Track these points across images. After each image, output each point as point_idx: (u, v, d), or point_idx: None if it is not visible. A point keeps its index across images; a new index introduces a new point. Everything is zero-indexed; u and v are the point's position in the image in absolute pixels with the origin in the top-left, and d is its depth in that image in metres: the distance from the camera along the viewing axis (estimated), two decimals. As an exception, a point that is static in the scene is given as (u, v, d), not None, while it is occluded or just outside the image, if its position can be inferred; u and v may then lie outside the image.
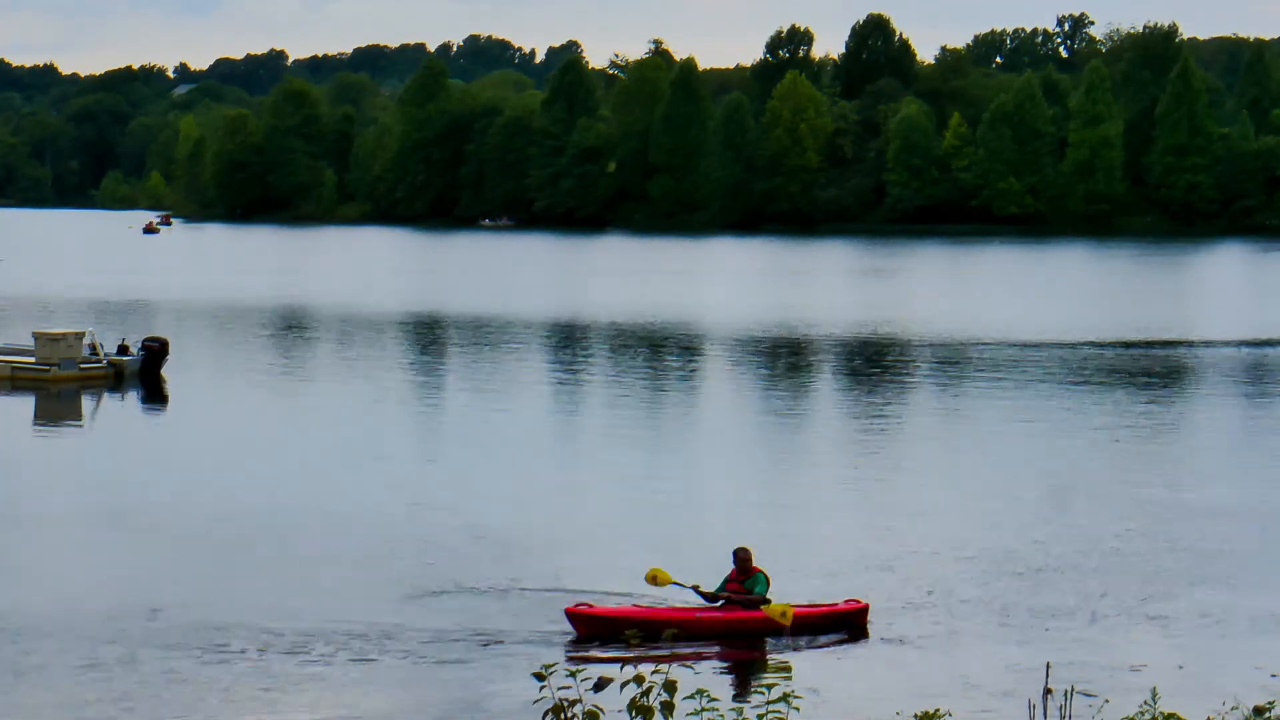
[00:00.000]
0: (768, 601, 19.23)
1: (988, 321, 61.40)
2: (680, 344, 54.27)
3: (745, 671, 18.13)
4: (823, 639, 19.14)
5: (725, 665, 18.20)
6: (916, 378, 45.37)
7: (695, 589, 19.79)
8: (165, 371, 43.48)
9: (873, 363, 49.15)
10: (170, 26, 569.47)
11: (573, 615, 19.19)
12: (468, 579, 21.68)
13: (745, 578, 19.67)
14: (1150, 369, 47.48)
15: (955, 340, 54.40)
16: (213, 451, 32.60)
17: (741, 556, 19.88)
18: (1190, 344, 54.89)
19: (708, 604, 19.61)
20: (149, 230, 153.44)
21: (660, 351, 51.71)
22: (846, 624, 19.47)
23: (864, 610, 19.53)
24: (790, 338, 56.69)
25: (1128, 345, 53.67)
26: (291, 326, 61.01)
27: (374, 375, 45.63)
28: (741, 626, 19.35)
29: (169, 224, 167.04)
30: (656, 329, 58.90)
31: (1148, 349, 52.72)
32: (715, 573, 19.99)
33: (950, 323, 60.05)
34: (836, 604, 19.78)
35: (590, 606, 19.41)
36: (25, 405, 39.47)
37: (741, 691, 17.64)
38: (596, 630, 18.98)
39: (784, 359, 50.45)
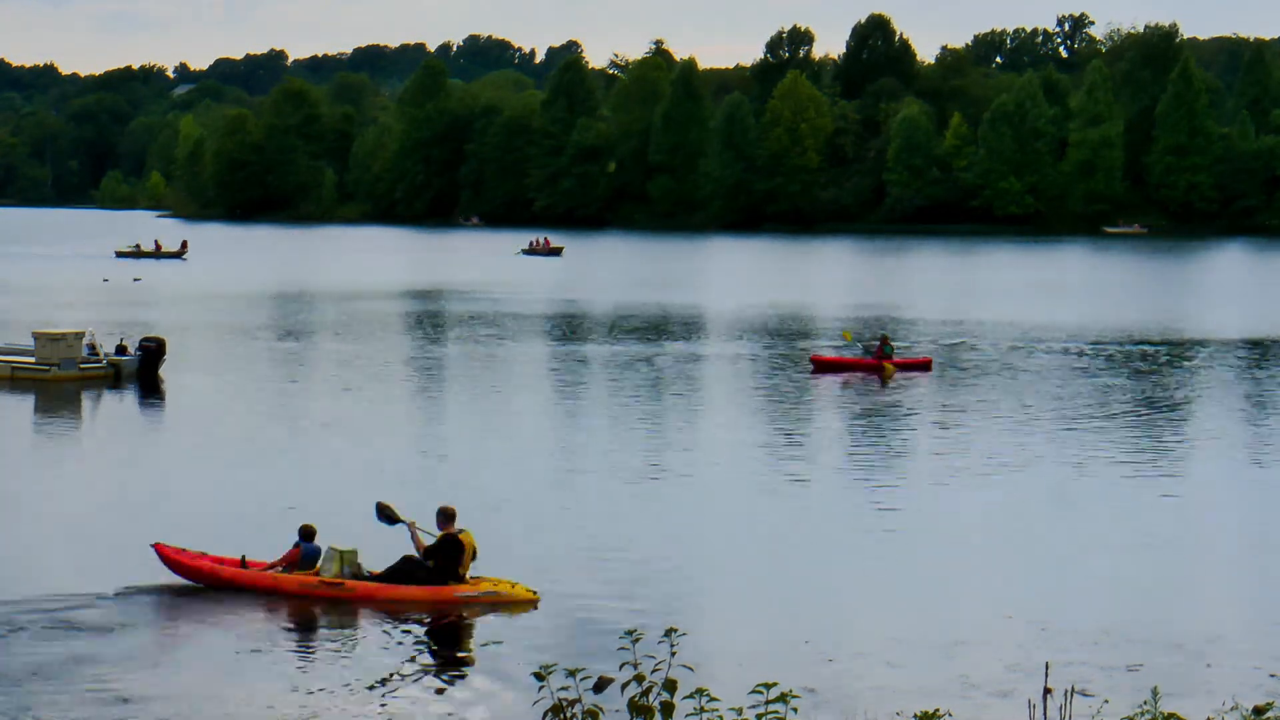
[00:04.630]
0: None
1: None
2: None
3: (744, 671, 18.04)
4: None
5: (724, 663, 18.15)
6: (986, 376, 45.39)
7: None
8: (162, 371, 43.66)
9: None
10: (170, 26, 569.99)
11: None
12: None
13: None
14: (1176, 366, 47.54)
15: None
16: (208, 450, 32.60)
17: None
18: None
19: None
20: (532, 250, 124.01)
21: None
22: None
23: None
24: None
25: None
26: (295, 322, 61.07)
27: (375, 371, 45.64)
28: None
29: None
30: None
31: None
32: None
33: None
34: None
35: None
36: (25, 405, 39.48)
37: (741, 691, 17.60)
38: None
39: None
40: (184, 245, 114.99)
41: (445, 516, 20.82)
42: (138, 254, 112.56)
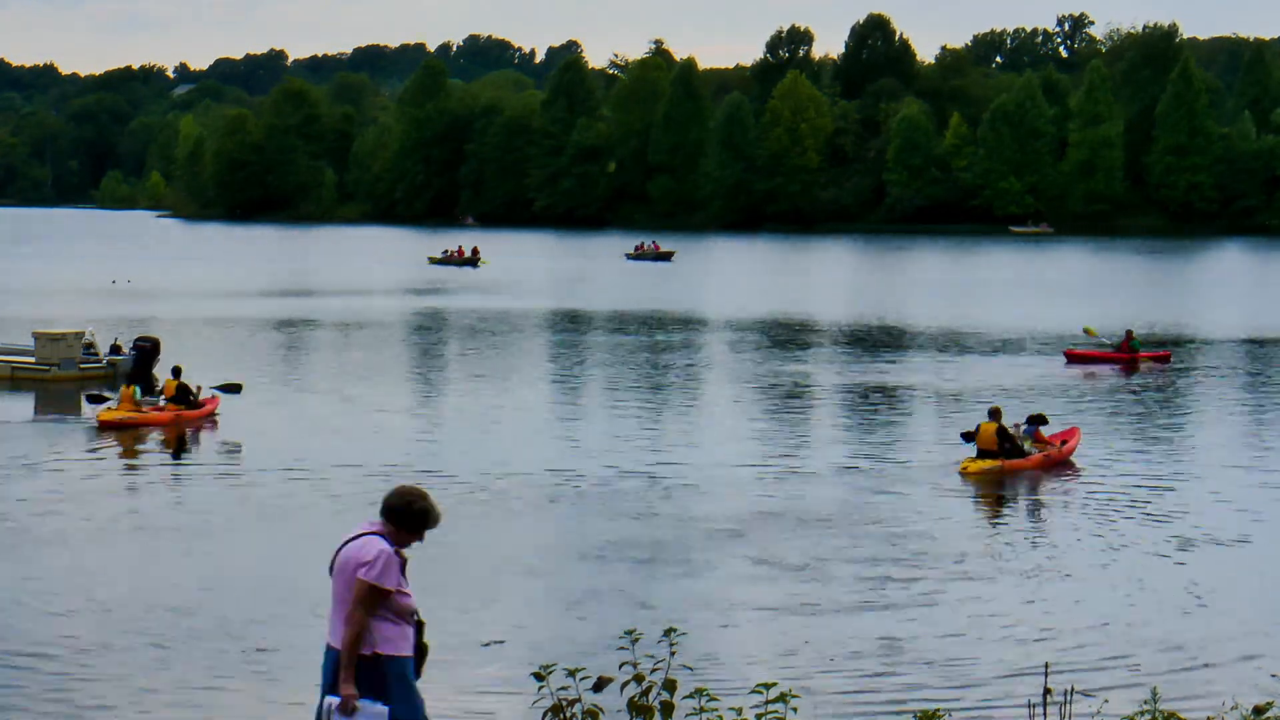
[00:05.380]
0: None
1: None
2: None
3: (744, 671, 18.06)
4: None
5: (727, 662, 18.11)
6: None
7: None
8: (157, 371, 43.74)
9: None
10: (170, 26, 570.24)
11: None
12: (468, 578, 21.67)
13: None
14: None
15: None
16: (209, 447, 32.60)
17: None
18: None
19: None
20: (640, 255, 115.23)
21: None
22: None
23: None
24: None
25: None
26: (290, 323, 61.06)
27: (375, 371, 45.65)
28: None
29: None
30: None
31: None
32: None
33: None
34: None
35: None
36: (25, 405, 39.49)
37: (741, 691, 17.59)
38: None
39: None
40: (475, 252, 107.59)
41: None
42: (454, 260, 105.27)
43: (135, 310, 65.02)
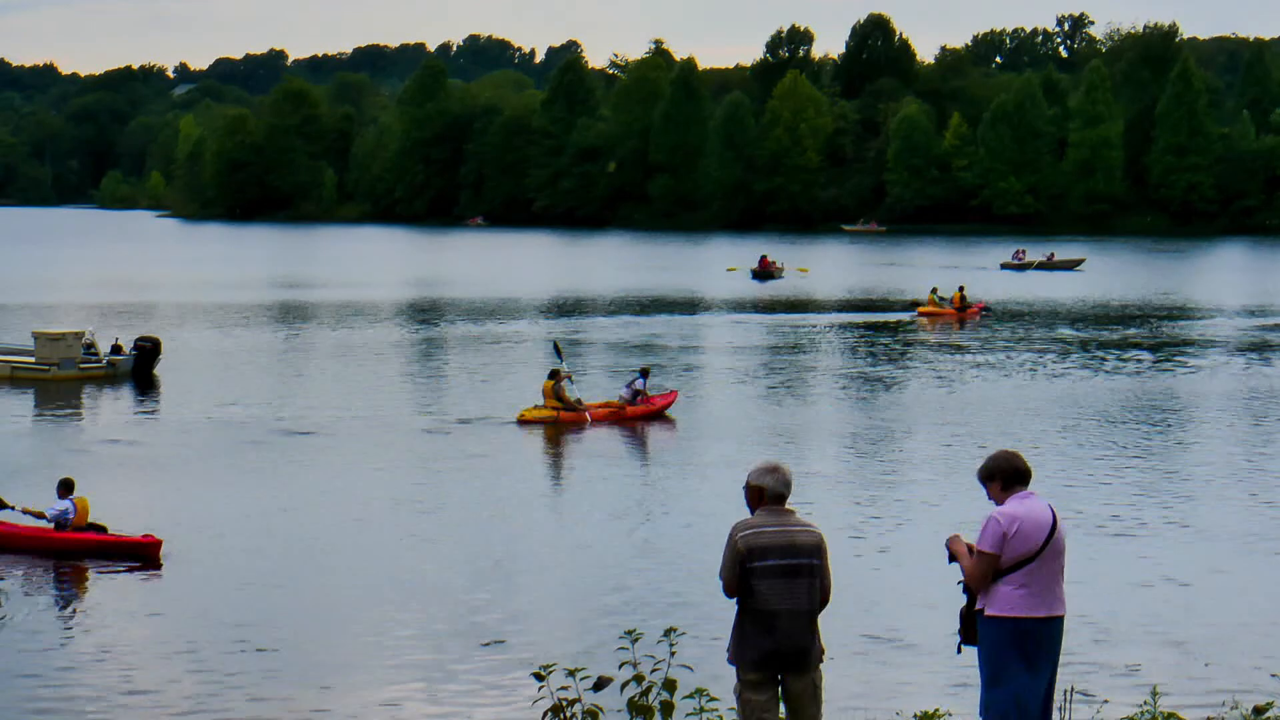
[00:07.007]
0: None
1: None
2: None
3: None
4: None
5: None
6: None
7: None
8: (158, 370, 43.83)
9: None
10: (170, 26, 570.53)
11: None
12: (467, 578, 21.66)
13: None
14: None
15: None
16: (208, 447, 32.61)
17: None
18: None
19: None
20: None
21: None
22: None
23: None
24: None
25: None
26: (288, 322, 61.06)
27: (374, 372, 45.64)
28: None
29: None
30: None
31: None
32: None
33: None
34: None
35: None
36: (25, 405, 39.49)
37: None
38: None
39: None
40: (766, 261, 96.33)
41: None
42: (1024, 266, 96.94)
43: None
